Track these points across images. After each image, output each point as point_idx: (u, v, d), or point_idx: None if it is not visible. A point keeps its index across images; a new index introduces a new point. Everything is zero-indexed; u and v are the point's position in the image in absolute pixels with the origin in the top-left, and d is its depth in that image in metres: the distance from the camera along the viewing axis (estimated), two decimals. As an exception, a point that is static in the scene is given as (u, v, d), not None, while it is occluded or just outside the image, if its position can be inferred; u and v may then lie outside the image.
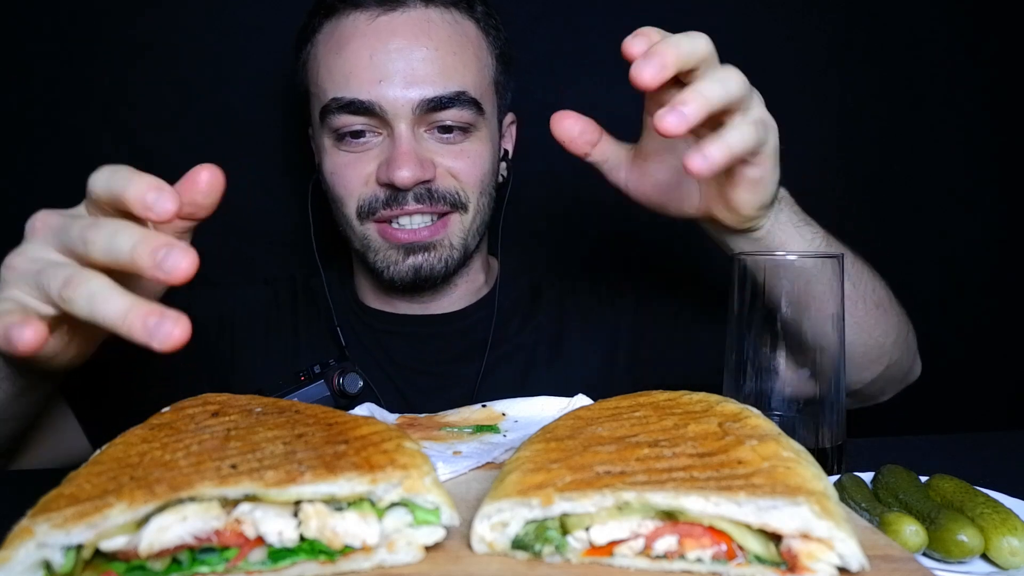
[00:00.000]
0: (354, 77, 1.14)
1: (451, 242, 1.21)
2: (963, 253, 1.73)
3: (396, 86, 1.12)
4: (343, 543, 0.55)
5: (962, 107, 1.70)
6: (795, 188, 1.65)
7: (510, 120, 1.36)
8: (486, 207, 1.25)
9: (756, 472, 0.55)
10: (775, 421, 0.69)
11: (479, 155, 1.21)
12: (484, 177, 1.22)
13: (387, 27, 1.14)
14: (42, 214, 0.72)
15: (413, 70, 1.13)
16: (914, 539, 0.67)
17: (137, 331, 0.60)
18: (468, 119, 1.18)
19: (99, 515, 0.50)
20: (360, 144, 1.17)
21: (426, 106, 1.13)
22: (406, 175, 1.12)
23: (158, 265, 0.60)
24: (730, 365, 0.89)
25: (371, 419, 0.65)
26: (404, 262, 1.19)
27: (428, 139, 1.17)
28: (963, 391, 1.75)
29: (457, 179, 1.19)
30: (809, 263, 0.85)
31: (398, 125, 1.14)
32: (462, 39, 1.18)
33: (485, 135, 1.22)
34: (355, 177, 1.18)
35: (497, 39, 1.26)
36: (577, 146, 0.88)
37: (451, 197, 1.18)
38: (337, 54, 1.16)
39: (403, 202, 1.16)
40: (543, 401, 0.94)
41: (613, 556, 0.56)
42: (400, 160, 1.12)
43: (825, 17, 1.64)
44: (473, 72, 1.19)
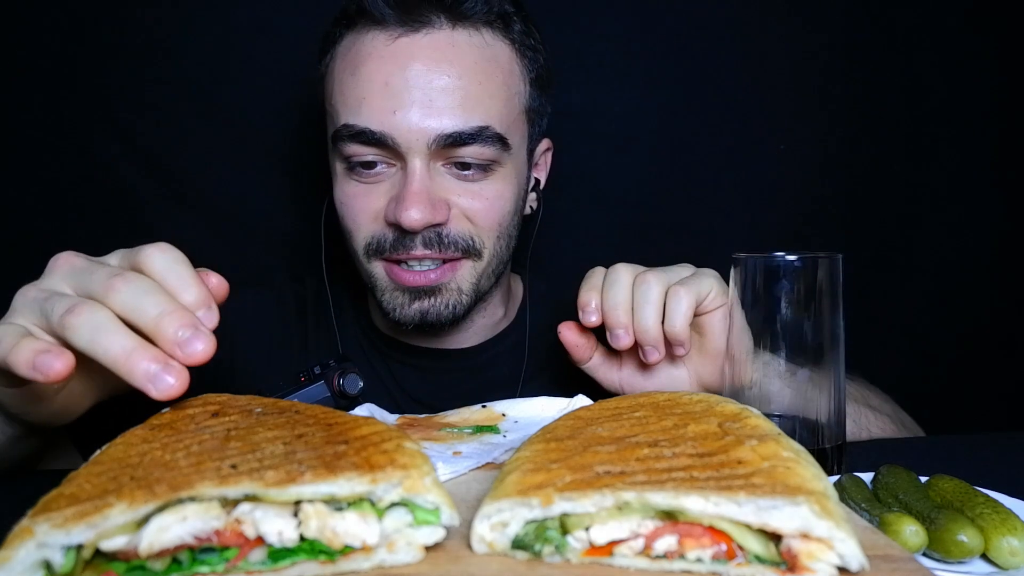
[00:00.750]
0: (367, 104, 1.04)
1: (460, 287, 1.12)
2: (963, 253, 1.73)
3: (412, 117, 1.02)
4: (343, 543, 0.55)
5: (962, 107, 1.70)
6: (796, 188, 1.67)
7: (544, 147, 1.25)
8: (504, 249, 1.15)
9: (756, 472, 0.55)
10: (775, 421, 0.69)
11: (499, 196, 1.10)
12: (504, 219, 1.12)
13: (406, 50, 1.03)
14: (66, 254, 0.71)
15: (432, 100, 1.02)
16: (914, 539, 0.67)
17: (138, 375, 0.60)
18: (491, 156, 1.07)
19: (99, 515, 0.50)
20: (371, 175, 1.08)
21: (444, 141, 1.03)
22: (415, 217, 1.02)
23: (178, 343, 0.61)
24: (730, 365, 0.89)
25: (371, 419, 0.65)
26: (411, 306, 1.11)
27: (445, 175, 1.07)
28: (963, 391, 1.75)
29: (472, 222, 1.09)
30: (809, 263, 0.85)
31: (412, 160, 1.04)
32: (490, 65, 1.07)
33: (510, 172, 1.11)
34: (364, 211, 1.09)
35: (534, 61, 1.14)
36: (582, 352, 1.01)
37: (464, 243, 1.09)
38: (352, 75, 1.06)
39: (411, 247, 1.07)
40: (543, 401, 0.94)
41: (613, 556, 0.56)
42: (409, 200, 1.03)
43: (825, 17, 1.64)
44: (500, 103, 1.07)
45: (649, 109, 1.60)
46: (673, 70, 1.61)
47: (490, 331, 1.28)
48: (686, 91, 1.61)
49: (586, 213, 1.61)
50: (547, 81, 1.18)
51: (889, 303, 1.70)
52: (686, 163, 1.62)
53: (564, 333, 1.00)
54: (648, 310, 0.92)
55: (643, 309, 0.92)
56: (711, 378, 0.99)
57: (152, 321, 0.62)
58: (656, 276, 0.93)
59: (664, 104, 1.62)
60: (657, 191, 1.62)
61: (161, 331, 0.62)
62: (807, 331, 0.85)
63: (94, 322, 0.62)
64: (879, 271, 1.68)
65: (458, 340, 1.26)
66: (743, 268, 0.87)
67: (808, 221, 1.67)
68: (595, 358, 1.02)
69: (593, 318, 0.94)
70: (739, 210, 1.64)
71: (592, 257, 1.62)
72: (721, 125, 1.62)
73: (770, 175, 1.64)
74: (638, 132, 1.61)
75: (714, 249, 1.37)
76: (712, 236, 1.62)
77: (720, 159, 1.63)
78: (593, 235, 1.62)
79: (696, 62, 1.61)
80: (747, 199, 1.64)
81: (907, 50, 1.67)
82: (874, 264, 1.68)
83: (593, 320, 0.94)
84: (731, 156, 1.63)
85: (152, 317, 0.62)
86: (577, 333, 1.00)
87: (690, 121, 1.62)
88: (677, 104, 1.62)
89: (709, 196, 1.64)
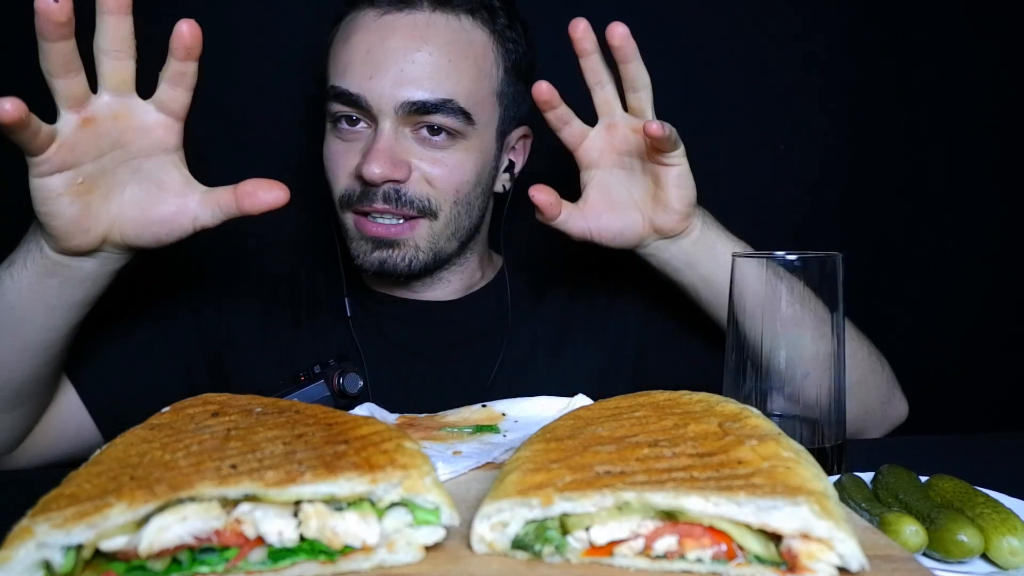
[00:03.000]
0: (350, 69, 1.17)
1: (417, 244, 1.22)
2: (963, 253, 1.73)
3: (385, 84, 1.14)
4: (343, 543, 0.55)
5: (963, 107, 1.69)
6: (796, 187, 1.67)
7: (520, 134, 1.34)
8: (463, 215, 1.25)
9: (756, 472, 0.55)
10: (775, 421, 0.69)
11: (459, 165, 1.21)
12: (462, 187, 1.22)
13: (389, 25, 1.16)
14: None
15: (403, 71, 1.14)
16: (914, 539, 0.67)
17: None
18: (453, 126, 1.18)
19: (99, 515, 0.50)
20: (352, 133, 1.20)
21: (410, 108, 1.15)
22: (375, 171, 1.14)
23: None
24: (730, 365, 0.89)
25: (371, 419, 0.65)
26: (371, 255, 1.22)
27: (411, 139, 1.18)
28: (963, 391, 1.75)
29: (432, 186, 1.19)
30: (809, 263, 0.85)
31: (382, 121, 1.16)
32: (463, 47, 1.19)
33: (474, 145, 1.22)
34: (341, 166, 1.22)
35: (512, 52, 1.25)
36: (553, 209, 1.07)
37: (419, 203, 1.19)
38: (343, 44, 1.19)
39: (372, 199, 1.18)
40: (543, 401, 0.94)
41: (613, 556, 0.56)
42: (372, 155, 1.14)
43: (825, 17, 1.64)
44: (468, 80, 1.18)
45: (649, 109, 1.60)
46: (673, 70, 1.60)
47: (467, 288, 1.38)
48: (686, 91, 1.61)
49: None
50: (525, 72, 1.28)
51: (889, 303, 1.70)
52: (686, 163, 1.62)
53: (536, 195, 1.06)
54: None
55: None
56: (666, 225, 1.10)
57: None
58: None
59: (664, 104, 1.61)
60: (657, 191, 1.62)
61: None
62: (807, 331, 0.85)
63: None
64: (879, 271, 1.68)
65: (435, 296, 1.35)
66: (743, 268, 0.87)
67: (808, 221, 1.67)
68: (563, 213, 1.09)
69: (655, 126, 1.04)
70: (739, 210, 1.63)
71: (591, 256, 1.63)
72: (721, 125, 1.62)
73: (770, 175, 1.64)
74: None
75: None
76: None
77: (720, 159, 1.63)
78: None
79: (696, 62, 1.61)
80: (747, 199, 1.64)
81: (907, 50, 1.66)
82: (874, 264, 1.68)
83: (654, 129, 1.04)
84: (731, 156, 1.63)
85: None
86: (548, 192, 1.06)
87: (690, 121, 1.61)
88: (677, 104, 1.61)
89: (709, 196, 1.64)
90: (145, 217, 0.94)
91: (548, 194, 1.06)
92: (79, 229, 0.91)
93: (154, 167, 0.94)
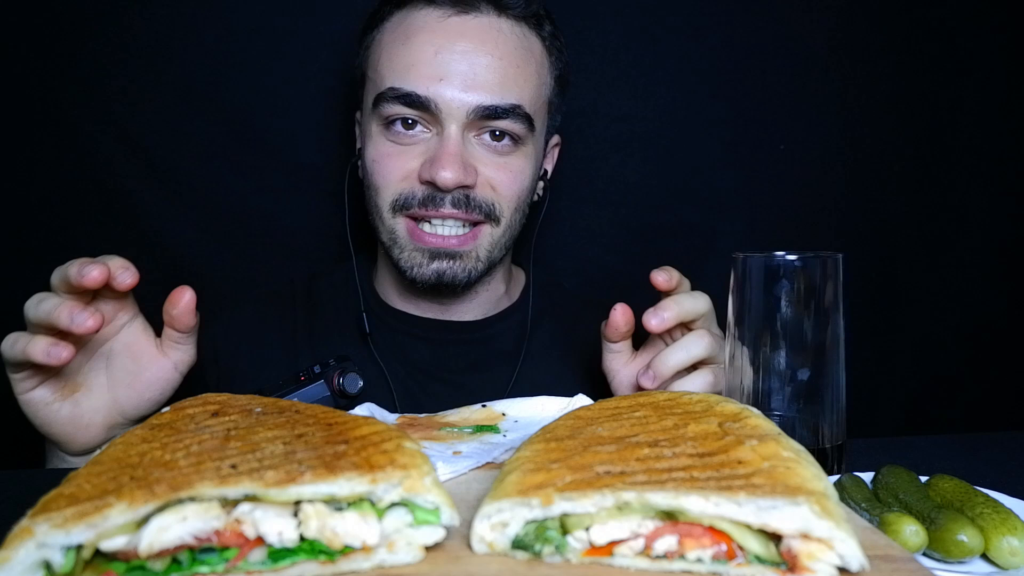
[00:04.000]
0: (415, 70, 1.14)
1: (478, 254, 1.20)
2: (963, 253, 1.73)
3: (455, 87, 1.12)
4: (343, 543, 0.55)
5: (962, 107, 1.70)
6: (796, 187, 1.67)
7: (555, 141, 1.36)
8: (517, 223, 1.24)
9: (756, 472, 0.55)
10: (775, 421, 0.69)
11: (521, 171, 1.20)
12: (522, 193, 1.22)
13: (457, 28, 1.14)
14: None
15: (475, 75, 1.13)
16: (914, 539, 0.67)
17: (63, 318, 0.86)
18: (519, 132, 1.17)
19: (99, 515, 0.50)
20: (409, 136, 1.17)
21: (481, 112, 1.13)
22: (449, 176, 1.11)
23: (71, 319, 0.85)
24: (730, 365, 0.89)
25: (371, 419, 0.65)
26: (429, 266, 1.18)
27: (476, 145, 1.17)
28: (963, 391, 1.75)
29: (496, 191, 1.18)
30: (809, 263, 0.85)
31: (449, 125, 1.14)
32: (527, 54, 1.19)
33: (531, 151, 1.22)
34: (396, 169, 1.17)
35: (559, 60, 1.26)
36: (620, 335, 1.05)
37: (487, 207, 1.17)
38: (403, 44, 1.16)
39: (440, 204, 1.15)
40: (543, 401, 0.94)
41: (613, 556, 0.56)
42: (445, 160, 1.12)
43: (825, 17, 1.64)
44: (532, 88, 1.19)
45: (649, 109, 1.60)
46: (673, 70, 1.61)
47: (492, 305, 1.34)
48: (686, 91, 1.61)
49: (586, 212, 1.61)
50: (566, 82, 1.30)
51: (889, 303, 1.70)
52: (686, 163, 1.62)
53: (618, 311, 1.03)
54: (679, 355, 0.99)
55: (676, 353, 1.00)
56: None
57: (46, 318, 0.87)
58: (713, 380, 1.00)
59: (664, 104, 1.62)
60: (657, 191, 1.62)
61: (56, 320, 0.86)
62: (807, 331, 0.85)
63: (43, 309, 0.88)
64: (880, 271, 1.68)
65: (462, 311, 1.32)
66: (743, 268, 0.87)
67: (808, 221, 1.67)
68: (619, 344, 1.07)
69: (654, 322, 0.98)
70: (739, 210, 1.64)
71: (592, 256, 1.64)
72: (721, 125, 1.62)
73: (770, 175, 1.64)
74: (638, 132, 1.61)
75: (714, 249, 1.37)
76: (712, 236, 1.62)
77: (720, 159, 1.63)
78: (593, 234, 1.62)
79: (696, 62, 1.61)
80: (747, 199, 1.64)
81: (907, 50, 1.66)
82: (875, 264, 1.68)
83: (654, 324, 0.98)
84: (731, 156, 1.63)
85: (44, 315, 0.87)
86: (627, 318, 1.04)
87: (690, 121, 1.62)
88: (677, 104, 1.62)
89: (709, 196, 1.64)
90: (135, 392, 1.00)
91: (626, 319, 1.03)
92: (79, 427, 0.97)
93: (122, 344, 1.00)
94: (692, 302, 1.00)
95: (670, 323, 0.98)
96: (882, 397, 1.71)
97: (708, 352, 0.99)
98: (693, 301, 1.00)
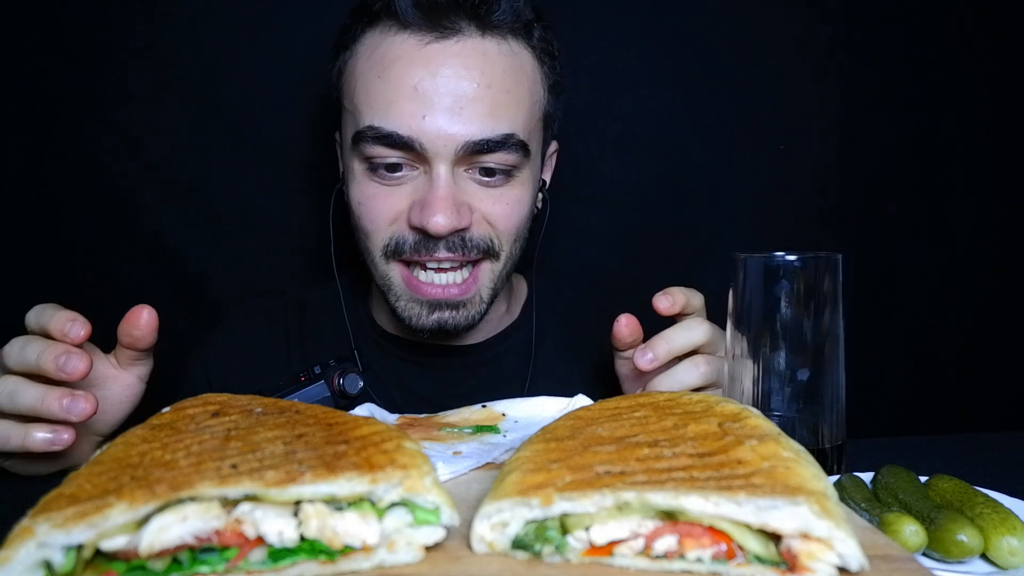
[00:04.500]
0: (395, 107, 1.03)
1: (481, 296, 1.13)
2: (963, 253, 1.73)
3: (440, 123, 1.02)
4: (343, 543, 0.55)
5: (962, 107, 1.70)
6: (796, 188, 1.67)
7: (553, 149, 1.26)
8: (518, 251, 1.16)
9: (756, 472, 0.55)
10: (775, 421, 0.69)
11: (518, 200, 1.11)
12: (521, 223, 1.13)
13: (437, 56, 1.03)
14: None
15: (461, 108, 1.02)
16: (914, 539, 0.67)
17: (55, 410, 0.83)
18: (513, 162, 1.08)
19: (100, 515, 0.50)
20: (395, 178, 1.08)
21: (471, 148, 1.03)
22: (442, 223, 1.03)
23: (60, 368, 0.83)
24: (730, 365, 0.89)
25: (371, 419, 0.65)
26: (429, 316, 1.11)
27: (468, 181, 1.08)
28: (963, 391, 1.75)
29: (493, 226, 1.10)
30: (809, 263, 0.85)
31: (438, 165, 1.04)
32: (517, 74, 1.08)
33: (527, 177, 1.12)
34: (384, 212, 1.08)
35: (552, 68, 1.16)
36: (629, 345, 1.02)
37: (484, 245, 1.09)
38: (379, 77, 1.05)
39: (433, 249, 1.07)
40: (543, 401, 0.94)
41: (613, 556, 0.56)
42: (436, 206, 1.03)
43: (825, 17, 1.64)
44: (524, 111, 1.09)
45: (650, 109, 1.60)
46: (674, 70, 1.61)
47: (493, 328, 1.28)
48: (686, 91, 1.61)
49: (586, 213, 1.61)
50: (561, 86, 1.20)
51: (889, 303, 1.70)
52: (687, 163, 1.62)
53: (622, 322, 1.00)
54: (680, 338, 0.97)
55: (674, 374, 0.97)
56: None
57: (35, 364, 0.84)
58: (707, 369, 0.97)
59: (665, 104, 1.62)
60: (658, 191, 1.62)
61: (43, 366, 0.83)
62: (807, 331, 0.85)
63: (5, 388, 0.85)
64: (879, 271, 1.68)
65: (461, 339, 1.26)
66: (743, 268, 0.87)
67: (808, 221, 1.67)
68: (628, 351, 1.03)
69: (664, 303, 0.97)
70: (739, 210, 1.64)
71: (592, 256, 1.64)
72: (721, 125, 1.62)
73: (770, 175, 1.64)
74: (639, 132, 1.61)
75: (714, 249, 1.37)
76: (712, 236, 1.62)
77: (720, 159, 1.63)
78: (593, 235, 1.62)
79: (697, 62, 1.61)
80: (747, 199, 1.64)
81: (907, 50, 1.66)
82: (874, 264, 1.68)
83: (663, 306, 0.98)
84: (731, 156, 1.63)
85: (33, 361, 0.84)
86: (632, 328, 1.00)
87: (691, 121, 1.62)
88: (677, 104, 1.62)
89: (709, 196, 1.64)
90: (107, 415, 0.97)
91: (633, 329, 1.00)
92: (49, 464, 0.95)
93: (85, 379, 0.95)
94: (686, 335, 0.97)
95: (661, 361, 0.96)
96: (882, 397, 1.71)
97: (707, 338, 0.97)
98: (687, 334, 0.97)
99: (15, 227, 1.49)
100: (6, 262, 1.47)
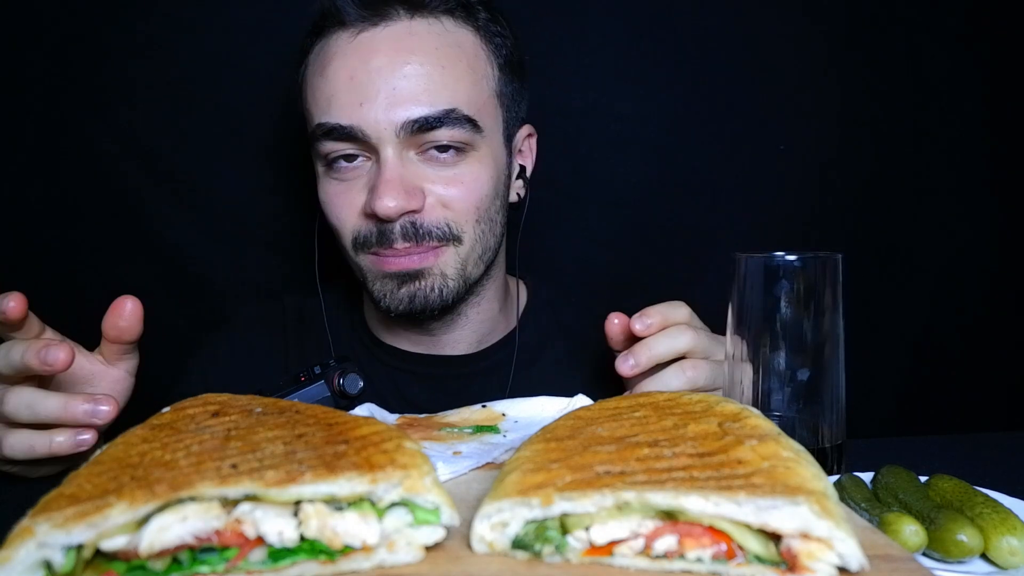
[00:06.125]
0: (335, 100, 1.06)
1: (443, 272, 1.12)
2: (963, 253, 1.73)
3: (378, 108, 1.04)
4: (343, 543, 0.55)
5: (962, 107, 1.70)
6: (796, 188, 1.67)
7: (526, 133, 1.24)
8: (487, 233, 1.15)
9: (756, 472, 0.55)
10: (775, 421, 0.69)
11: (475, 179, 1.10)
12: (481, 203, 1.12)
13: (368, 44, 1.06)
14: None
15: (395, 89, 1.04)
16: (914, 539, 0.67)
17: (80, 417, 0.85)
18: (462, 138, 1.08)
19: (99, 515, 0.50)
20: (352, 170, 1.10)
21: (412, 127, 1.04)
22: (390, 205, 1.04)
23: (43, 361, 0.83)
24: (730, 365, 0.89)
25: (371, 419, 0.65)
26: (398, 292, 1.12)
27: (419, 163, 1.08)
28: (963, 391, 1.75)
29: (449, 208, 1.10)
30: (809, 263, 0.85)
31: (383, 149, 1.05)
32: (453, 50, 1.09)
33: (485, 154, 1.12)
34: (345, 207, 1.11)
35: (501, 47, 1.15)
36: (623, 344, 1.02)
37: (439, 231, 1.09)
38: (320, 75, 1.09)
39: (390, 239, 1.08)
40: (543, 401, 0.94)
41: (613, 556, 0.56)
42: (382, 188, 1.04)
43: (825, 17, 1.64)
44: (466, 86, 1.08)
45: (649, 109, 1.60)
46: (673, 70, 1.61)
47: (487, 334, 1.27)
48: (686, 91, 1.61)
49: (585, 213, 1.61)
50: (518, 67, 1.19)
51: (889, 303, 1.70)
52: (686, 163, 1.62)
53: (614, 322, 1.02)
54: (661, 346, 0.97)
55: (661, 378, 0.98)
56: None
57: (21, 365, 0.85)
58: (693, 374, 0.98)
59: (664, 104, 1.62)
60: (657, 191, 1.62)
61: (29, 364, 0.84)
62: (807, 331, 0.85)
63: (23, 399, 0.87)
64: (879, 271, 1.68)
65: (453, 341, 1.24)
66: (743, 268, 0.87)
67: (808, 221, 1.67)
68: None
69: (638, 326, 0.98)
70: (739, 210, 1.64)
71: (592, 256, 1.64)
72: (721, 125, 1.62)
73: (770, 175, 1.64)
74: (638, 132, 1.61)
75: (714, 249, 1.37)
76: (712, 236, 1.61)
77: (720, 159, 1.63)
78: (592, 235, 1.62)
79: (696, 62, 1.61)
80: (747, 199, 1.64)
81: (907, 50, 1.66)
82: (874, 264, 1.68)
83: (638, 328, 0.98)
84: (731, 156, 1.63)
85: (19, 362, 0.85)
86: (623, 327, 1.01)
87: (690, 121, 1.62)
88: (677, 104, 1.62)
89: (709, 196, 1.64)
90: None
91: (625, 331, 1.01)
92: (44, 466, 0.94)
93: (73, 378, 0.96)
94: (668, 342, 0.97)
95: (642, 368, 0.97)
96: (882, 397, 1.71)
97: (690, 346, 0.97)
98: (670, 341, 0.97)
99: (15, 227, 1.49)
100: (6, 262, 1.47)
